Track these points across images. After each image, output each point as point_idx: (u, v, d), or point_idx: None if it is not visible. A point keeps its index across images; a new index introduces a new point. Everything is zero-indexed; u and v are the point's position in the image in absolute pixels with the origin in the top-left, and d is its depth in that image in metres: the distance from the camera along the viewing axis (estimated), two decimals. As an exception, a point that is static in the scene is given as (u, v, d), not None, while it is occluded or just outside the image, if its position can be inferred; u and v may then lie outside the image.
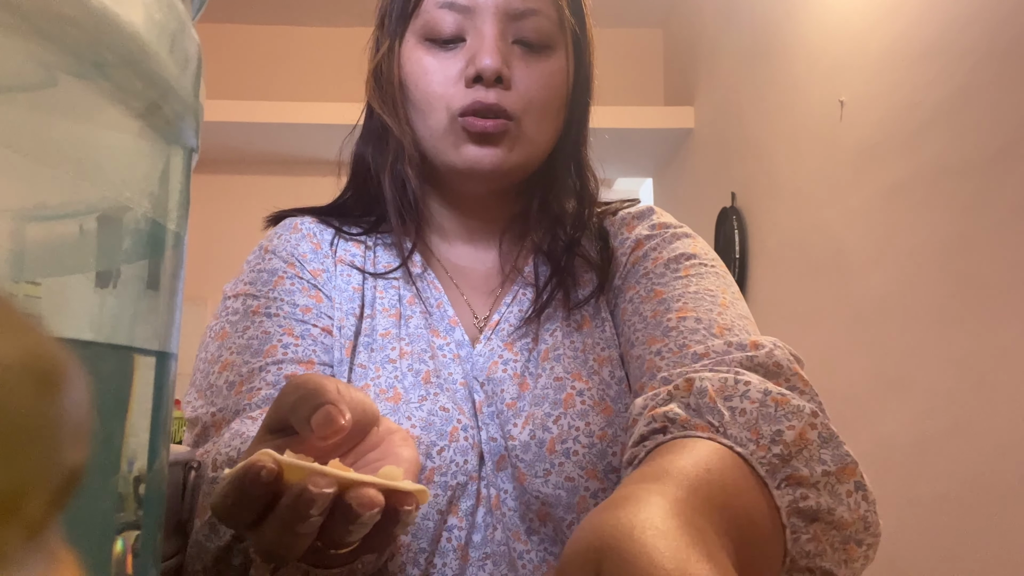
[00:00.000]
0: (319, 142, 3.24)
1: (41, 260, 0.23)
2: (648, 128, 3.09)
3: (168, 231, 0.28)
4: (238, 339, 0.66)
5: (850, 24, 1.88)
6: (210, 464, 0.54)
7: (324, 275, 0.72)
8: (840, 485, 0.49)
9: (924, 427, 1.53)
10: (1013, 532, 1.28)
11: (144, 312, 0.27)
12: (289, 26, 3.59)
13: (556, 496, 0.62)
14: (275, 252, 0.73)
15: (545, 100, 0.70)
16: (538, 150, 0.72)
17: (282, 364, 0.64)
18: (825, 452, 0.49)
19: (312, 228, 0.76)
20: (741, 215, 2.53)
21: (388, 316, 0.70)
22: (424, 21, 0.70)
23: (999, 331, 1.33)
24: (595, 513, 0.36)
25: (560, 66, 0.71)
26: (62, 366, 0.13)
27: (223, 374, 0.64)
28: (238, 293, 0.70)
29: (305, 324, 0.67)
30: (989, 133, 1.37)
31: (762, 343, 0.57)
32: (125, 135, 0.25)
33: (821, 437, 0.50)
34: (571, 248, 0.74)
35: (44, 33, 0.20)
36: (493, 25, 0.68)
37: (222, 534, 0.51)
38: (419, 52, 0.70)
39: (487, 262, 0.77)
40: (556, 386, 0.66)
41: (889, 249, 1.68)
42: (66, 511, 0.14)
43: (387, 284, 0.72)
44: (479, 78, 0.67)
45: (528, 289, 0.73)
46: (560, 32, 0.71)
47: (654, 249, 0.72)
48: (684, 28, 3.28)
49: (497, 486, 0.63)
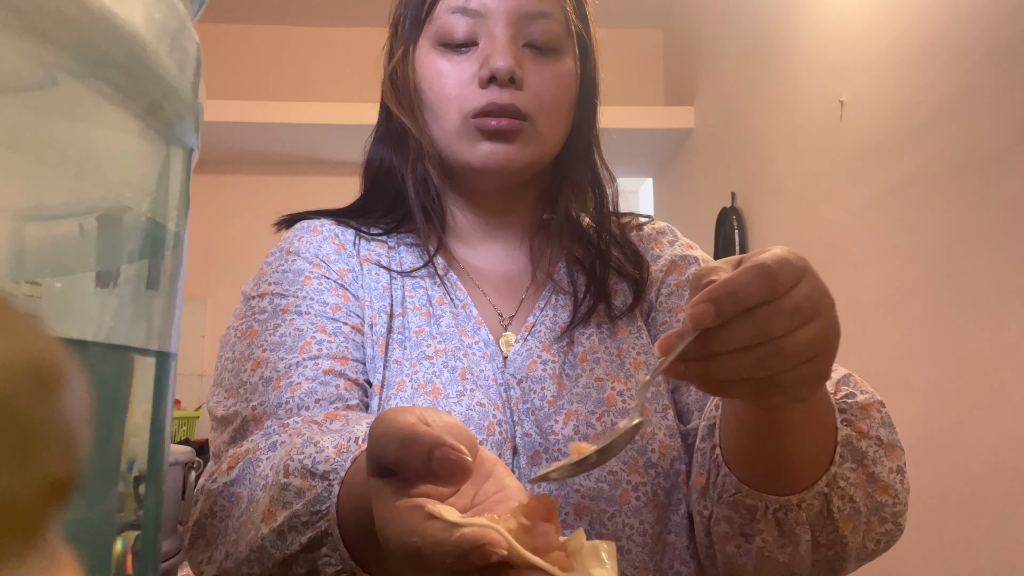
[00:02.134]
0: (319, 142, 3.24)
1: (41, 260, 0.23)
2: (648, 128, 3.09)
3: (168, 231, 0.28)
4: (270, 337, 0.67)
5: (850, 24, 1.88)
6: (282, 470, 0.52)
7: (350, 275, 0.73)
8: (887, 459, 0.56)
9: (924, 427, 1.52)
10: (1013, 532, 1.28)
11: (144, 312, 0.27)
12: (289, 26, 3.59)
13: (598, 489, 0.64)
14: (298, 253, 0.74)
15: (556, 100, 0.72)
16: (550, 148, 0.74)
17: (318, 360, 0.65)
18: (883, 430, 0.57)
19: (333, 230, 0.77)
20: (741, 215, 2.53)
21: (420, 314, 0.72)
22: (437, 26, 0.72)
23: (999, 331, 1.33)
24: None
25: (569, 68, 0.74)
26: (62, 366, 0.13)
27: (257, 371, 0.65)
28: (263, 293, 0.71)
29: (336, 322, 0.69)
30: (989, 133, 1.37)
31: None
32: (125, 135, 0.25)
33: (883, 419, 0.57)
34: (604, 258, 0.77)
35: (44, 33, 0.20)
36: (505, 28, 0.70)
37: (290, 543, 0.50)
38: (433, 56, 0.72)
39: (507, 264, 0.79)
40: (597, 386, 0.69)
41: (889, 249, 1.68)
42: (66, 511, 0.14)
43: (415, 284, 0.74)
44: (493, 79, 0.69)
45: (561, 296, 0.76)
46: (568, 35, 0.73)
47: (689, 269, 0.77)
48: (684, 28, 3.28)
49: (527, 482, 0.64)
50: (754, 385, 0.44)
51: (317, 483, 0.50)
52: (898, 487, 0.56)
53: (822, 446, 0.54)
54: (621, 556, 0.63)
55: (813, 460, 0.54)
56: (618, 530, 0.64)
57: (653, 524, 0.65)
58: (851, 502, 0.55)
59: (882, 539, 0.57)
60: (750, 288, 0.41)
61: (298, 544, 0.50)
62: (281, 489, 0.52)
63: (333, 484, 0.49)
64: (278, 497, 0.52)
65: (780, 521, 0.56)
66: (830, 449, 0.54)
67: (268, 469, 0.56)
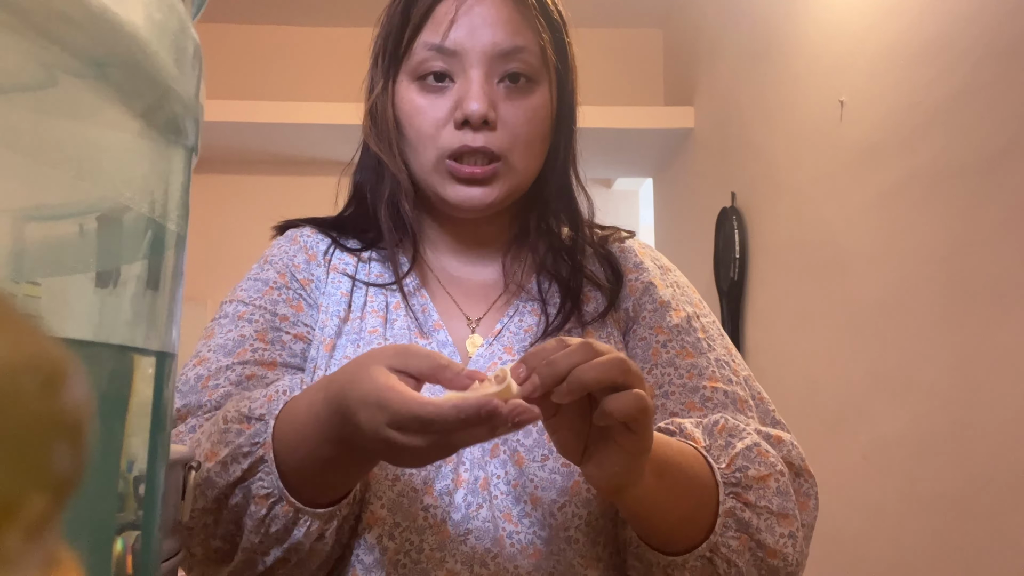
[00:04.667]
0: (319, 142, 3.24)
1: (41, 260, 0.23)
2: (648, 128, 3.08)
3: (168, 231, 0.28)
4: (218, 339, 0.73)
5: (850, 24, 1.88)
6: (219, 421, 0.62)
7: (313, 284, 0.78)
8: (778, 525, 0.63)
9: (924, 427, 1.53)
10: (1013, 532, 1.28)
11: (144, 312, 0.27)
12: (289, 26, 3.59)
13: (551, 480, 0.68)
14: (272, 263, 0.79)
15: (530, 135, 0.75)
16: (526, 180, 0.77)
17: (247, 365, 0.71)
18: (776, 499, 0.64)
19: (309, 240, 0.82)
20: (741, 215, 2.53)
21: (376, 316, 0.76)
22: (415, 63, 0.74)
23: (999, 331, 1.33)
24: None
25: (544, 100, 0.76)
26: (62, 366, 0.13)
27: (196, 368, 0.71)
28: (232, 299, 0.77)
29: (279, 331, 0.74)
30: (989, 133, 1.37)
31: (784, 439, 0.70)
32: (125, 135, 0.25)
33: (778, 489, 0.64)
34: (577, 271, 0.79)
35: (44, 33, 0.20)
36: (479, 68, 0.72)
37: (232, 472, 0.60)
38: (411, 93, 0.75)
39: (482, 275, 0.82)
40: None
41: (889, 249, 1.68)
42: (66, 511, 0.14)
43: (377, 290, 0.78)
44: (467, 122, 0.71)
45: (531, 303, 0.79)
46: (543, 65, 0.75)
47: (674, 299, 0.79)
48: (684, 28, 3.28)
49: (488, 471, 0.69)
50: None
51: (254, 424, 0.61)
52: (788, 551, 0.63)
53: (697, 518, 0.63)
54: (568, 546, 0.68)
55: (689, 530, 0.63)
56: (567, 520, 0.68)
57: (599, 516, 0.69)
58: (734, 566, 0.62)
59: None
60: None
61: (239, 471, 0.59)
62: (222, 433, 0.61)
63: (268, 422, 0.61)
64: (220, 439, 0.61)
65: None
66: (711, 519, 0.62)
67: (199, 435, 0.65)
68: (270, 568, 0.63)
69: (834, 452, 1.84)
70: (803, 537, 0.65)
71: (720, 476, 0.63)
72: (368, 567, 0.66)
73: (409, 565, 0.66)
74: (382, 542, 0.66)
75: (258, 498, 0.60)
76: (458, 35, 0.72)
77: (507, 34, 0.72)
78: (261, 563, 0.62)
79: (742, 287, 2.49)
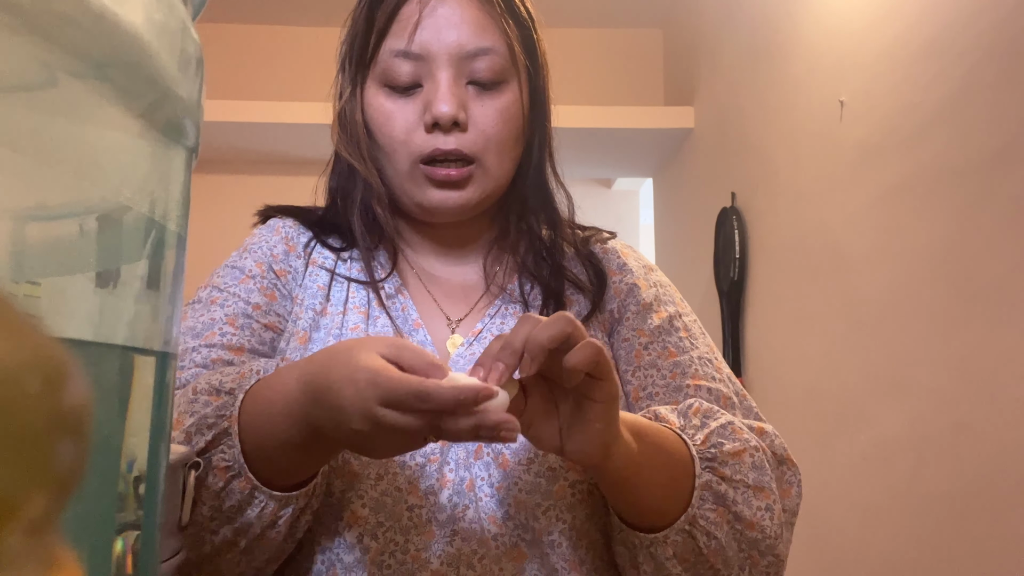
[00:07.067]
0: (319, 142, 3.22)
1: (41, 260, 0.23)
2: (648, 128, 3.08)
3: (168, 231, 0.28)
4: (189, 322, 0.72)
5: (850, 24, 1.88)
6: (189, 391, 0.62)
7: (289, 275, 0.78)
8: (754, 499, 0.64)
9: (924, 428, 1.53)
10: (1013, 532, 1.28)
11: (144, 312, 0.27)
12: (289, 26, 3.59)
13: (536, 484, 0.68)
14: (251, 252, 0.79)
15: (501, 136, 0.74)
16: (501, 181, 0.76)
17: (213, 348, 0.70)
18: (752, 473, 0.65)
19: (290, 231, 0.81)
20: (741, 215, 2.53)
21: (358, 313, 0.75)
22: (382, 69, 0.74)
23: (999, 331, 1.33)
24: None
25: (514, 98, 0.75)
26: (63, 366, 0.13)
27: None
28: (208, 284, 0.77)
29: (250, 319, 0.73)
30: (989, 133, 1.37)
31: (766, 430, 0.71)
32: (125, 135, 0.25)
33: (754, 463, 0.65)
34: (558, 273, 0.79)
35: (44, 33, 0.20)
36: (446, 71, 0.71)
37: (196, 443, 0.59)
38: (380, 98, 0.74)
39: (463, 275, 0.82)
40: None
41: (889, 249, 1.68)
42: (66, 511, 0.14)
43: (358, 287, 0.78)
44: (437, 124, 0.71)
45: (513, 305, 0.79)
46: (512, 65, 0.74)
47: (657, 300, 0.79)
48: (684, 28, 3.28)
49: (473, 473, 0.68)
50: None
51: (223, 396, 0.61)
52: (766, 523, 0.64)
53: (675, 492, 0.63)
54: (552, 550, 0.68)
55: (669, 505, 0.63)
56: (550, 524, 0.68)
57: (584, 521, 0.70)
58: (714, 538, 0.63)
59: (768, 571, 0.66)
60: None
61: (203, 442, 0.59)
62: (190, 403, 0.61)
63: (237, 396, 0.60)
64: (187, 409, 0.61)
65: (654, 556, 0.64)
66: (688, 494, 0.63)
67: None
68: (217, 548, 0.61)
69: (834, 452, 1.84)
70: (783, 519, 0.66)
71: (696, 452, 0.64)
72: (348, 567, 0.66)
73: (394, 566, 0.65)
74: (363, 541, 0.66)
75: (217, 470, 0.59)
76: (423, 38, 0.71)
77: (472, 34, 0.72)
78: (209, 541, 0.60)
79: (742, 287, 2.49)
